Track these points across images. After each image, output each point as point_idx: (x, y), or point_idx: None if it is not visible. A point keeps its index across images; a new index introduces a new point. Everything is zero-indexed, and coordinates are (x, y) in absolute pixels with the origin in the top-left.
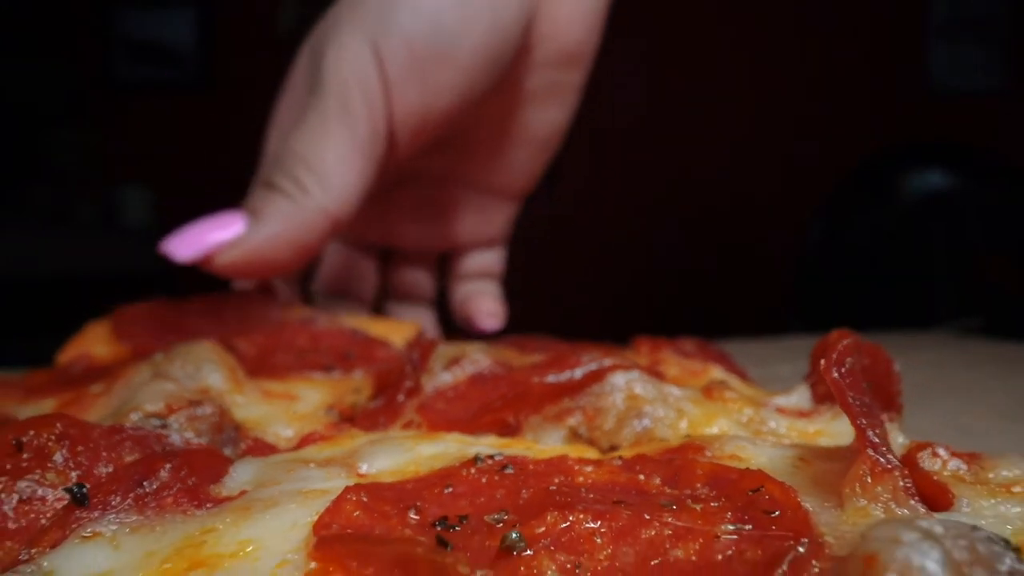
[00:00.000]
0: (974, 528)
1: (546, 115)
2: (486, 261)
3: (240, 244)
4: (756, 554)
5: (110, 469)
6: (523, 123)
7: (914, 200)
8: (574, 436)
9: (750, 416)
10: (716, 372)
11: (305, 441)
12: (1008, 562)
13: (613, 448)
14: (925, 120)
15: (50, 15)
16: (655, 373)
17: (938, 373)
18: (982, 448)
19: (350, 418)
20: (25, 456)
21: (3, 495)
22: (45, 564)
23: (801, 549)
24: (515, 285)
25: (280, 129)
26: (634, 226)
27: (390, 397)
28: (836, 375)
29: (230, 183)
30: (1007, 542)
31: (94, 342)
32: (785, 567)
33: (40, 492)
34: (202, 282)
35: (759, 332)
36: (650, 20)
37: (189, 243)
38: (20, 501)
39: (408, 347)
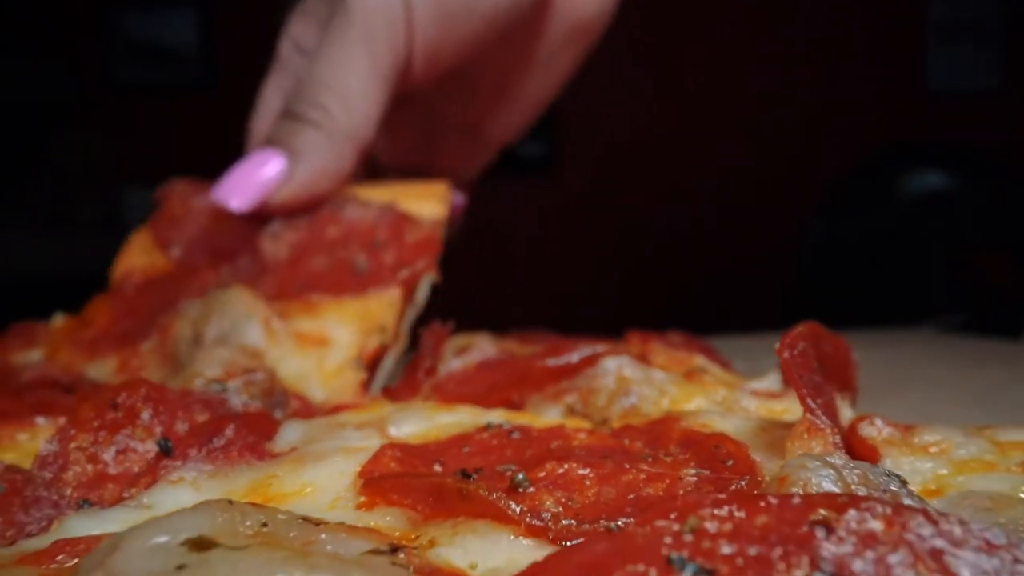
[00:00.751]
0: (874, 466)
1: (546, 79)
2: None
3: (287, 184)
4: (709, 489)
5: (186, 426)
6: (523, 82)
7: (911, 200)
8: (570, 412)
9: (725, 396)
10: (699, 360)
11: (339, 409)
12: (893, 487)
13: (604, 422)
14: (923, 120)
15: (52, 16)
16: (643, 360)
17: (914, 367)
18: None
19: (375, 361)
20: (120, 415)
21: (104, 446)
22: (145, 500)
23: (743, 483)
24: (519, 285)
25: (293, 40)
26: (633, 226)
27: (410, 376)
28: (787, 355)
29: None
30: (900, 479)
31: (138, 253)
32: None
33: (132, 444)
34: None
35: (756, 329)
36: (652, 21)
37: (239, 191)
38: (117, 451)
39: (434, 226)
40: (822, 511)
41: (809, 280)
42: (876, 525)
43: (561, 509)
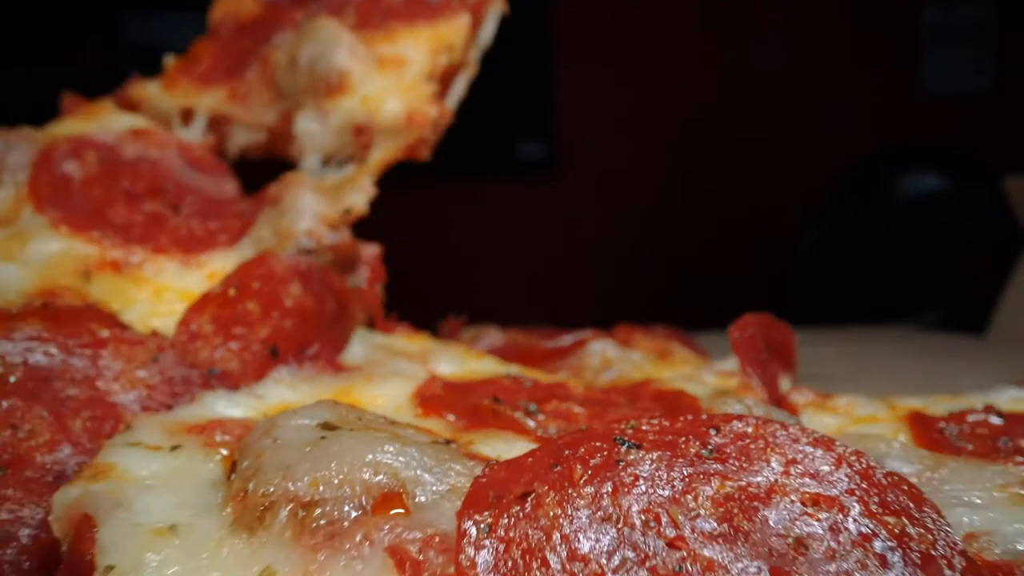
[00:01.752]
0: (779, 409)
1: None
2: None
3: None
4: None
5: (290, 322)
6: None
7: (907, 201)
8: None
9: (690, 372)
10: (674, 347)
11: (387, 328)
12: (788, 422)
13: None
14: (917, 123)
15: (57, 20)
16: (626, 345)
17: (880, 359)
18: None
19: (448, 78)
20: (238, 309)
21: (220, 341)
22: (258, 392)
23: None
24: (522, 283)
25: None
26: (631, 226)
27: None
28: (737, 335)
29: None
30: (796, 419)
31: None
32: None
33: (247, 342)
34: None
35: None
36: (652, 23)
37: None
38: (235, 346)
39: None
40: (717, 421)
41: (805, 278)
42: (747, 428)
43: (560, 431)
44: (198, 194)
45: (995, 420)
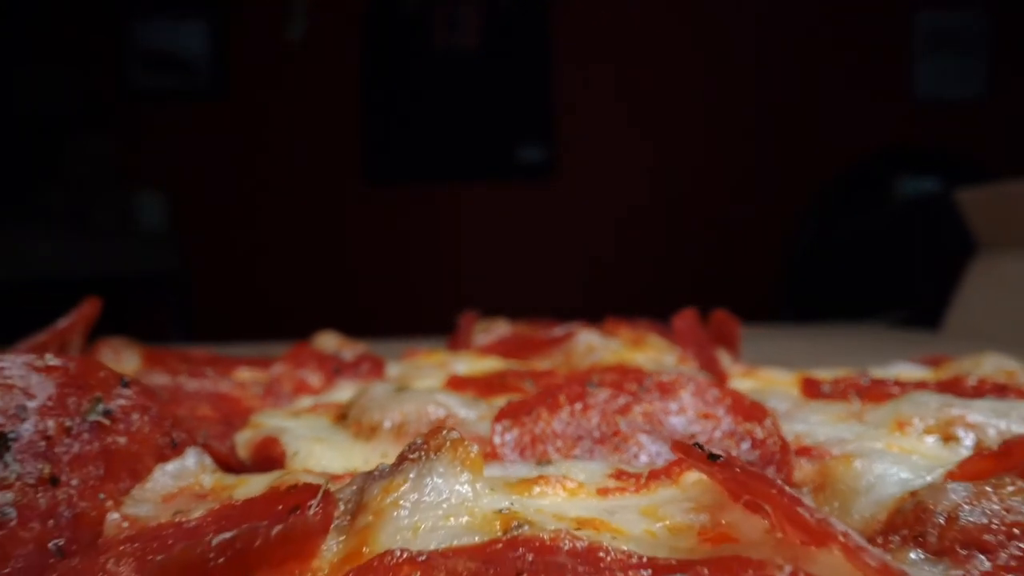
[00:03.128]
0: (700, 371)
1: None
2: None
3: None
4: None
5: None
6: None
7: (901, 203)
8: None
9: (655, 355)
10: (651, 336)
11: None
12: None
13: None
14: (909, 127)
15: (68, 27)
16: (611, 335)
17: (838, 349)
18: None
19: None
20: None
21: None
22: (329, 396)
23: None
24: (525, 282)
25: None
26: (629, 227)
27: (454, 344)
28: (677, 324)
29: (242, 188)
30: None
31: None
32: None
33: (310, 377)
34: (217, 283)
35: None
36: (650, 30)
37: None
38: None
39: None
40: (651, 374)
41: (801, 277)
42: (668, 378)
43: None
44: None
45: (864, 381)
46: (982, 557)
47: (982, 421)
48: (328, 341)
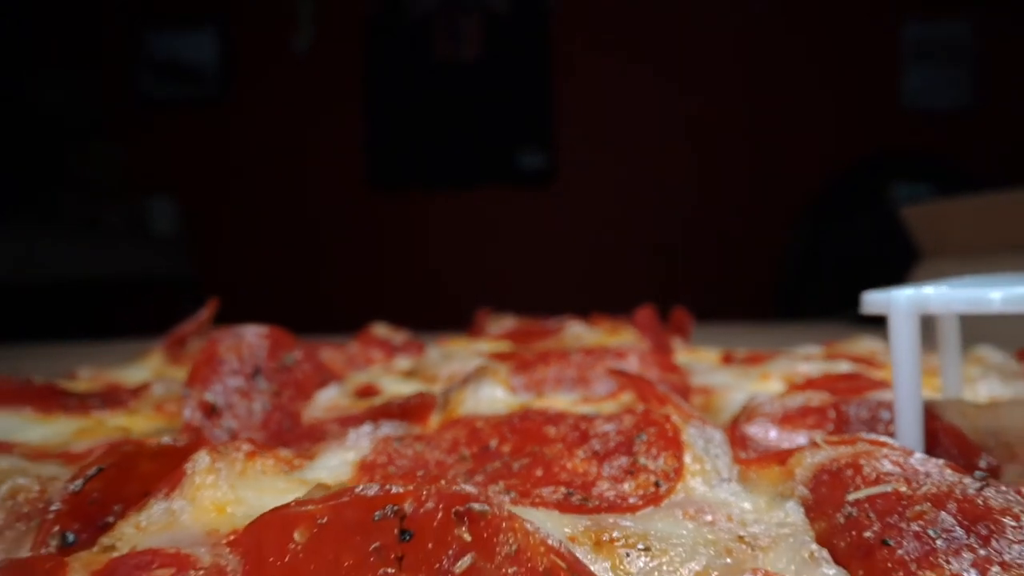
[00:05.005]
0: (653, 347)
1: None
2: None
3: None
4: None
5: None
6: None
7: (887, 207)
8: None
9: (625, 340)
10: (627, 328)
11: (441, 341)
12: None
13: None
14: (897, 136)
15: (81, 37)
16: (593, 327)
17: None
18: None
19: None
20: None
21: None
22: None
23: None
24: (529, 282)
25: None
26: (627, 232)
27: (473, 333)
28: (637, 315)
29: (249, 193)
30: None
31: None
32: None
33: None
34: (226, 286)
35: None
36: (648, 37)
37: None
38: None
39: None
40: (600, 350)
41: (792, 280)
42: (620, 349)
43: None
44: None
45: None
46: (772, 427)
47: (809, 371)
48: (381, 329)
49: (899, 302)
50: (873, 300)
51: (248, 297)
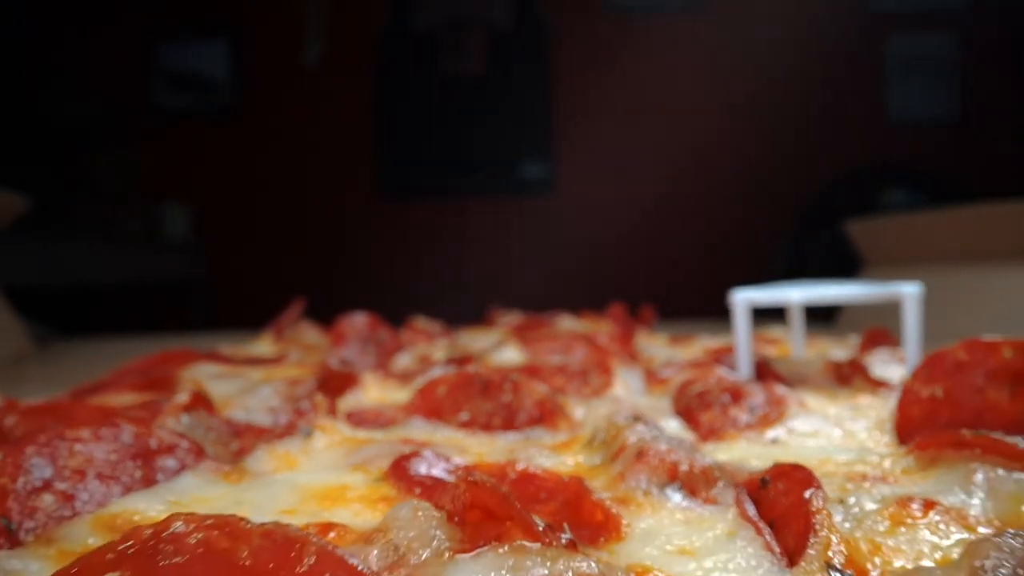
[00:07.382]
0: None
1: None
2: None
3: None
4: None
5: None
6: None
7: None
8: None
9: (604, 329)
10: (605, 320)
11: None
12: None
13: None
14: (883, 148)
15: (99, 51)
16: (582, 320)
17: None
18: None
19: None
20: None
21: None
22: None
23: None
24: (532, 283)
25: None
26: (625, 237)
27: (487, 324)
28: (613, 311)
29: (261, 200)
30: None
31: None
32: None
33: None
34: (238, 289)
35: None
36: (647, 54)
37: None
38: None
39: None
40: (573, 336)
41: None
42: (589, 336)
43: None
44: None
45: (709, 342)
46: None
47: (718, 344)
48: (421, 321)
49: (737, 298)
50: (731, 297)
51: (258, 301)
